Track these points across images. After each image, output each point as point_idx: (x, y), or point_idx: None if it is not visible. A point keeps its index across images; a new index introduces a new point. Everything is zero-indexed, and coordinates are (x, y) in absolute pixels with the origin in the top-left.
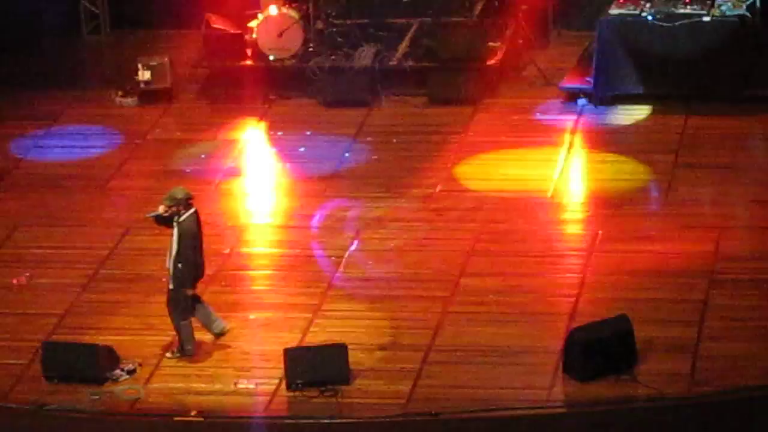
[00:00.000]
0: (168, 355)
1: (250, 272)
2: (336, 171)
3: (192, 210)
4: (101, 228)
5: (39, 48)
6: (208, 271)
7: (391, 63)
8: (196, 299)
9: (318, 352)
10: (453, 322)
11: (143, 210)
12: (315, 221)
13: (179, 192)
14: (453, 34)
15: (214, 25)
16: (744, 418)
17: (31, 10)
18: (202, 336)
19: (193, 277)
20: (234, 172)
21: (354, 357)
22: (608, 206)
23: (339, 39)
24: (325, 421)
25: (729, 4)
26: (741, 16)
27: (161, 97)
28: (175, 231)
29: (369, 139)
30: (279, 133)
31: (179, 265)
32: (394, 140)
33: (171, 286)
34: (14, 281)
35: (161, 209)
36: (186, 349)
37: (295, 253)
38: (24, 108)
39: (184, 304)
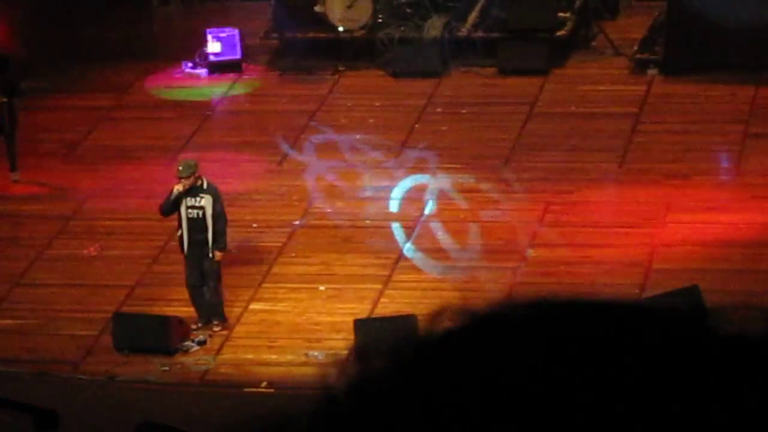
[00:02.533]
0: (216, 328)
1: (320, 243)
2: (405, 142)
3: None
4: None
5: (109, 20)
6: (278, 242)
7: (460, 34)
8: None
9: (388, 322)
10: (522, 293)
11: (216, 181)
12: (384, 193)
13: (191, 161)
14: (523, 5)
15: None
16: None
17: None
18: (272, 307)
19: None
20: (303, 143)
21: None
22: (678, 177)
23: (408, 10)
24: None
25: None
26: None
27: (231, 69)
28: (206, 198)
29: (438, 110)
30: (348, 105)
31: (223, 228)
32: (464, 111)
33: (217, 255)
34: (85, 252)
35: (181, 187)
36: (224, 315)
37: (365, 224)
38: (95, 80)
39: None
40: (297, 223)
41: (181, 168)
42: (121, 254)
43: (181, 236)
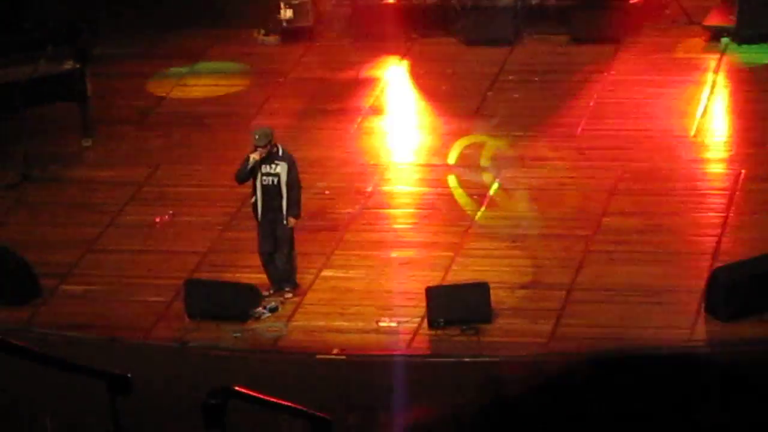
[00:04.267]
0: (288, 295)
1: (392, 211)
2: (478, 110)
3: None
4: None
5: None
6: (351, 209)
7: (533, 1)
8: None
9: (460, 290)
10: (595, 261)
11: (288, 148)
12: (457, 160)
13: (267, 129)
14: None
15: None
16: None
17: None
18: (344, 275)
19: None
20: (376, 111)
21: (495, 296)
22: (751, 145)
23: None
24: (467, 359)
25: None
26: None
27: (303, 36)
28: (281, 165)
29: (511, 77)
30: (420, 72)
31: (297, 196)
32: (536, 79)
33: (291, 222)
34: (157, 219)
35: (257, 155)
36: (296, 282)
37: (437, 191)
38: (167, 46)
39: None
40: (369, 190)
41: (257, 136)
42: (193, 221)
43: (255, 203)
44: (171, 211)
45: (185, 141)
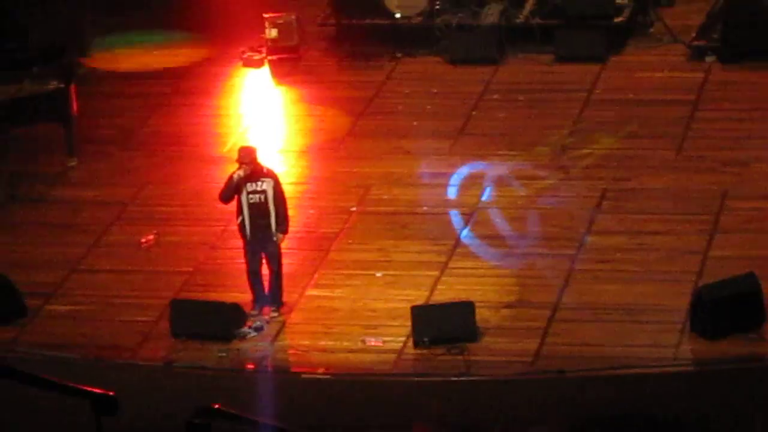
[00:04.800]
0: (274, 314)
1: (377, 230)
2: (463, 128)
3: None
4: None
5: (165, 4)
6: (335, 228)
7: (517, 20)
8: None
9: (445, 309)
10: (580, 279)
11: (274, 167)
12: (442, 179)
13: (250, 147)
14: None
15: None
16: None
17: None
18: (329, 294)
19: None
20: (360, 131)
21: (481, 314)
22: (736, 164)
23: None
24: (452, 378)
25: None
26: None
27: (288, 55)
28: (267, 182)
29: (496, 96)
30: (405, 92)
31: (285, 211)
32: (521, 98)
33: (281, 238)
34: (142, 241)
35: (242, 172)
36: (282, 302)
37: (422, 210)
38: (150, 66)
39: None
40: (354, 209)
41: (241, 154)
42: (178, 240)
43: (243, 222)
44: (156, 231)
45: (170, 160)
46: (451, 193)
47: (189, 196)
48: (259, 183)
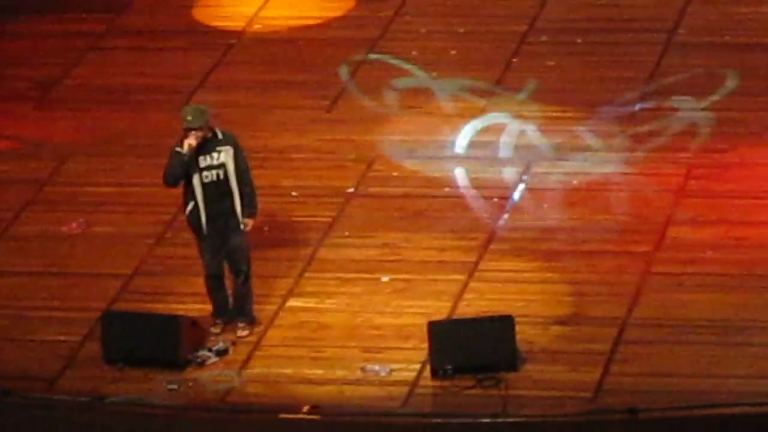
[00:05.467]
0: (242, 333)
1: (383, 218)
2: (498, 81)
3: None
4: None
5: None
6: (326, 217)
7: None
8: None
9: (474, 326)
10: (657, 287)
11: (243, 134)
12: (471, 150)
13: (201, 106)
14: None
15: None
16: None
17: None
18: (318, 305)
19: None
20: (359, 84)
21: (523, 334)
22: None
23: None
24: (485, 420)
25: None
26: None
27: None
28: (225, 152)
29: (544, 38)
30: (421, 31)
31: (252, 187)
32: (578, 40)
33: (249, 225)
34: (64, 229)
35: (193, 141)
36: (253, 316)
37: (443, 192)
38: None
39: None
40: (351, 190)
41: (189, 117)
42: (113, 232)
43: (195, 210)
44: (82, 219)
45: (102, 125)
46: (483, 169)
47: (128, 173)
48: (215, 155)
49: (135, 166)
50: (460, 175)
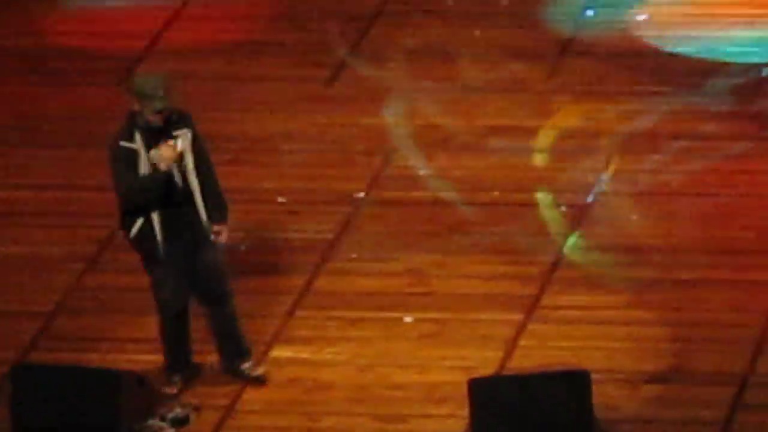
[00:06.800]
0: (258, 371)
1: (404, 234)
2: (567, 46)
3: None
4: None
5: None
6: (325, 232)
7: None
8: None
9: (534, 386)
10: None
11: (206, 116)
12: (525, 141)
13: (159, 81)
14: None
15: None
16: None
17: None
18: (314, 355)
19: None
20: (369, 52)
21: (603, 396)
22: None
23: None
24: None
25: None
26: None
27: None
28: (183, 140)
29: None
30: None
31: (218, 186)
32: None
33: (224, 234)
34: None
35: (181, 144)
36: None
37: (490, 198)
38: None
39: None
40: (361, 195)
41: (161, 93)
42: (27, 253)
43: (146, 225)
44: None
45: (11, 102)
46: (542, 166)
47: (55, 170)
48: (171, 143)
49: (64, 161)
50: (512, 174)
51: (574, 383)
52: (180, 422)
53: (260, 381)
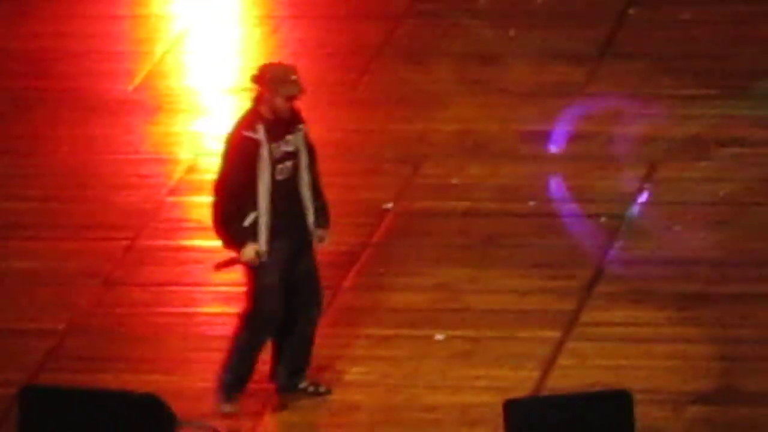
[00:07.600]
0: (323, 389)
1: (435, 247)
2: (609, 42)
3: None
4: (133, 165)
5: None
6: (352, 246)
7: None
8: None
9: (574, 407)
10: None
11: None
12: (560, 144)
13: (289, 67)
14: None
15: None
16: None
17: None
18: (339, 376)
19: None
20: (400, 48)
21: (648, 417)
22: None
23: None
24: None
25: None
26: None
27: None
28: (299, 136)
29: None
30: None
31: (322, 189)
32: None
33: (324, 242)
34: None
35: (288, 100)
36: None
37: (528, 209)
38: None
39: None
40: (389, 206)
41: (293, 77)
42: (38, 268)
43: (256, 223)
44: None
45: (19, 109)
46: (580, 172)
47: (59, 181)
48: (290, 137)
49: (69, 170)
50: (552, 182)
51: (615, 404)
52: None
53: (328, 393)
